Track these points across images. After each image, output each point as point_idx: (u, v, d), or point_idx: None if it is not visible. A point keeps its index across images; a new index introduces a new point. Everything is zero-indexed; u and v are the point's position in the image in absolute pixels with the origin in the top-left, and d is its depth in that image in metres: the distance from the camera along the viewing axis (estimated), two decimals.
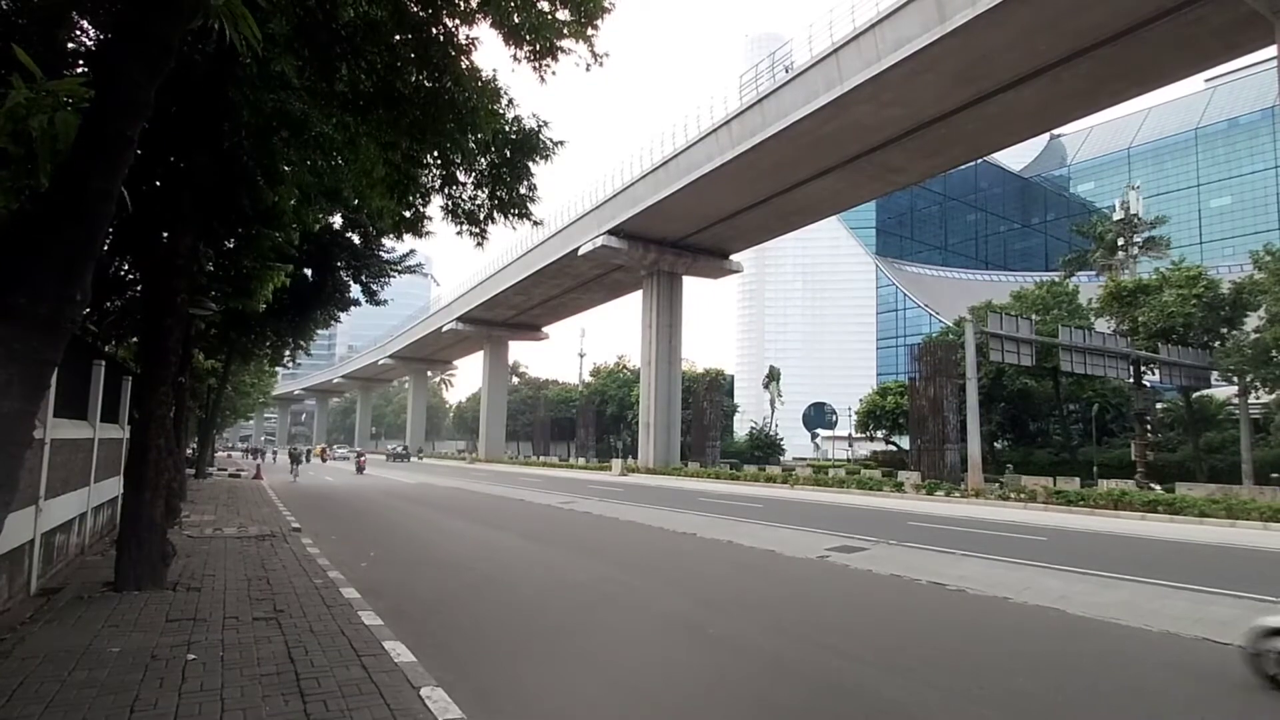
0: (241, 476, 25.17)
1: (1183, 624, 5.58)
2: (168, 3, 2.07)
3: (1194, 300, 26.07)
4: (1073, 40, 18.27)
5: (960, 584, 7.17)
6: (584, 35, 5.65)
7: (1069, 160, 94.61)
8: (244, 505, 14.42)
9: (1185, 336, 27.18)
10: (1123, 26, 17.54)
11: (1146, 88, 22.53)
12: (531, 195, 6.80)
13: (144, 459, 5.60)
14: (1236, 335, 26.14)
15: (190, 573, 6.65)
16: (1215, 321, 26.47)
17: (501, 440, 60.28)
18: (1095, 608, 6.12)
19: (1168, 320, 26.35)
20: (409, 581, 7.14)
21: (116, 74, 1.99)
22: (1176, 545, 10.85)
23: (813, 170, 27.10)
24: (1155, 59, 19.04)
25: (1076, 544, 10.84)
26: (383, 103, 5.77)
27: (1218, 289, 26.71)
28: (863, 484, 23.50)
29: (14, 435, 2.01)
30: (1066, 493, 17.63)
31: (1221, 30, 17.24)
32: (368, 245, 16.58)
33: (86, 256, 2.00)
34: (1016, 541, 10.78)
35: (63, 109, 2.00)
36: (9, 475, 2.08)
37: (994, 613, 6.10)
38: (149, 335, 5.89)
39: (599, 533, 11.82)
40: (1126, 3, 16.63)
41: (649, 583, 7.37)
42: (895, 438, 40.36)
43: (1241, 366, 24.00)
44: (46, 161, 2.03)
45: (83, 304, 2.10)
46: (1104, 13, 17.03)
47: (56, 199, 1.94)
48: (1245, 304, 25.87)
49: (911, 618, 5.98)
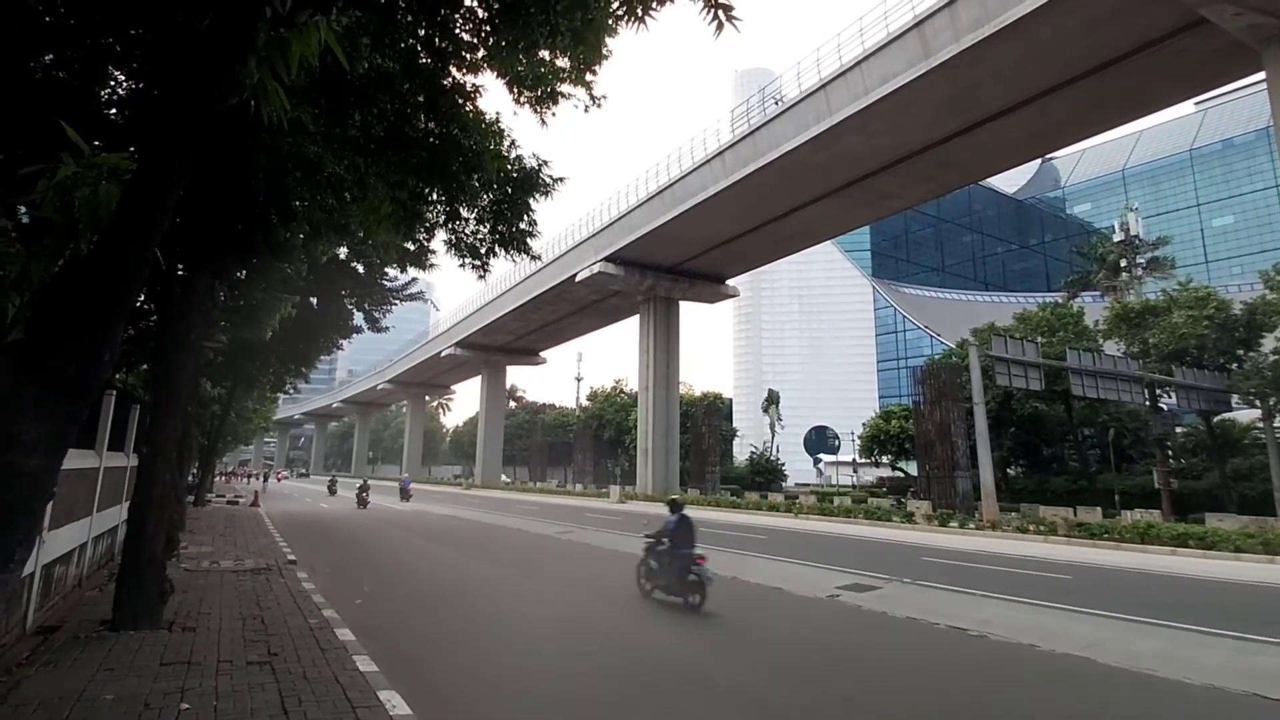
0: (239, 504, 25.03)
1: (1227, 676, 5.24)
2: (206, 85, 2.23)
3: (1205, 321, 25.21)
4: (1058, 71, 18.68)
5: (982, 629, 6.75)
6: (583, 80, 5.88)
7: (1063, 182, 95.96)
8: (241, 535, 14.33)
9: (1200, 358, 26.25)
10: (1107, 58, 17.90)
11: (1136, 114, 22.81)
12: (531, 230, 7.00)
13: (149, 494, 5.65)
14: (1255, 357, 25.16)
15: (186, 610, 6.62)
16: (1230, 343, 25.58)
17: (498, 465, 59.90)
18: (1129, 657, 5.75)
19: (1180, 342, 25.44)
20: (404, 621, 7.05)
21: (157, 149, 2.13)
22: (1211, 584, 10.26)
23: (805, 197, 27.54)
24: (1143, 87, 19.34)
25: (1103, 583, 10.30)
26: (392, 146, 5.99)
27: (1229, 309, 25.83)
28: (871, 513, 22.61)
29: (38, 493, 2.09)
30: (1089, 525, 16.77)
31: (1207, 59, 17.51)
32: (372, 274, 16.88)
33: (117, 318, 2.11)
34: (1039, 580, 10.23)
35: (105, 181, 2.14)
36: (28, 533, 2.15)
37: (1020, 662, 5.76)
38: (161, 369, 6.01)
39: (597, 566, 11.62)
40: (1108, 36, 16.99)
41: (650, 624, 7.20)
42: (902, 463, 39.56)
43: (1263, 389, 23.01)
44: (88, 230, 2.16)
45: (110, 364, 2.21)
46: (1086, 45, 17.44)
47: (93, 264, 2.06)
48: (1260, 324, 24.89)
49: (933, 669, 5.63)
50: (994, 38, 17.35)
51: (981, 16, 17.50)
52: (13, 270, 2.27)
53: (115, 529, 9.48)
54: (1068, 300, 39.03)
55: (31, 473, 2.06)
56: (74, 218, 2.15)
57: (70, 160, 2.16)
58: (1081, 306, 35.65)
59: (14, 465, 1.98)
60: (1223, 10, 14.44)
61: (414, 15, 4.85)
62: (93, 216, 2.12)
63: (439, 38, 5.14)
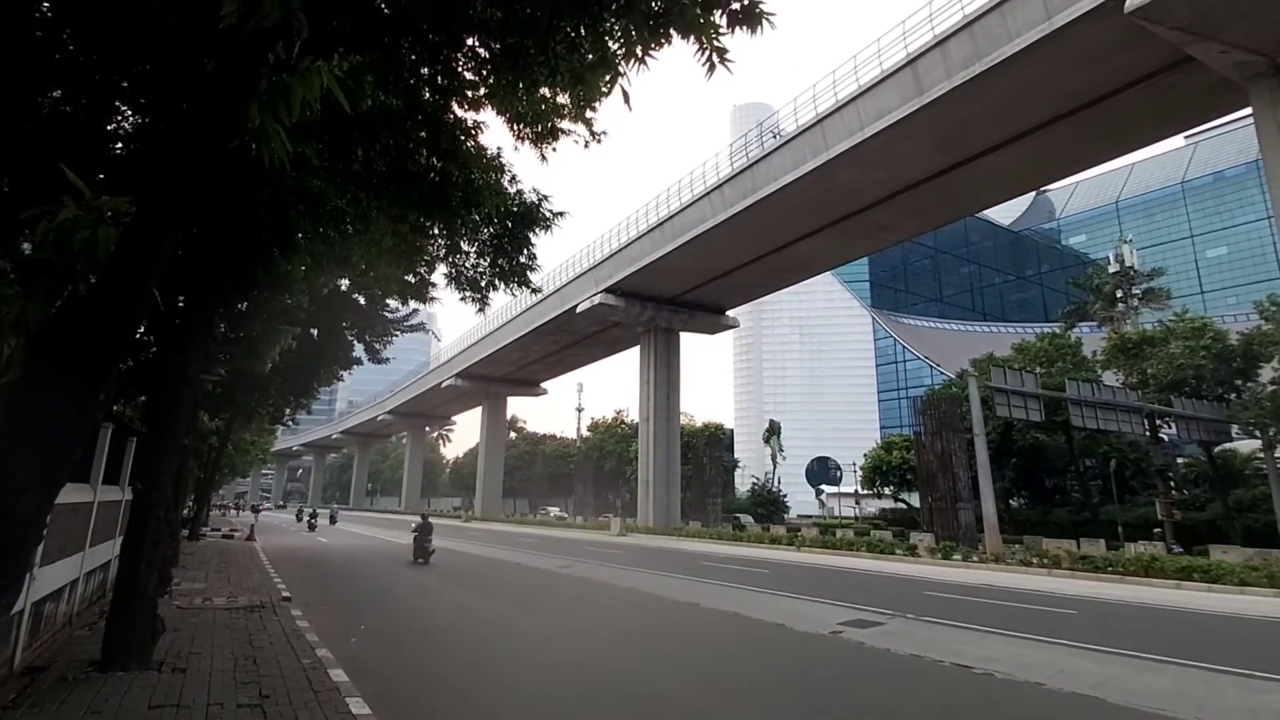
0: (235, 537, 24.62)
1: (1237, 717, 5.18)
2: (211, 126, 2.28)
3: (1202, 352, 25.38)
4: (1049, 107, 19.12)
5: (987, 666, 6.64)
6: (582, 117, 6.02)
7: (1058, 214, 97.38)
8: (235, 570, 14.04)
9: (1198, 389, 26.32)
10: (1096, 94, 18.32)
11: (1128, 149, 23.30)
12: (531, 264, 7.08)
13: (143, 531, 5.56)
14: (1253, 387, 25.25)
15: (177, 650, 6.44)
16: (1228, 373, 25.66)
17: (498, 497, 59.17)
18: (1138, 696, 5.64)
19: (1178, 372, 25.58)
20: (399, 660, 6.86)
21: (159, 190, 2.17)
22: (1217, 619, 10.16)
23: (803, 230, 27.93)
24: (1133, 123, 19.71)
25: (1108, 618, 10.19)
26: (394, 180, 6.11)
27: (1226, 340, 26.01)
28: (873, 546, 22.40)
29: (28, 534, 2.05)
30: (1093, 558, 16.72)
31: (1195, 95, 17.85)
32: (373, 306, 16.99)
33: (114, 358, 2.11)
34: (1043, 615, 10.09)
35: (105, 224, 2.18)
36: (17, 574, 2.11)
37: (1027, 702, 5.61)
38: (159, 402, 5.98)
39: (597, 602, 11.38)
40: (1097, 73, 17.42)
41: (651, 662, 7.04)
42: (904, 494, 39.18)
43: (1262, 420, 23.07)
44: (87, 271, 2.18)
45: (106, 403, 2.20)
46: (1075, 82, 17.90)
47: (90, 305, 2.08)
48: (1256, 355, 25.07)
49: (939, 709, 5.49)
50: (984, 75, 17.83)
51: (972, 55, 18.04)
52: (10, 312, 2.28)
53: (108, 564, 9.30)
54: (1065, 331, 39.25)
55: (22, 514, 2.03)
56: (73, 260, 2.17)
57: (71, 204, 2.20)
58: (1079, 337, 35.88)
59: (5, 506, 1.95)
60: (1209, 48, 14.77)
61: (417, 55, 5.00)
62: (91, 259, 2.14)
63: (441, 76, 5.29)
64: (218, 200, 4.11)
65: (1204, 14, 13.83)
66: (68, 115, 3.43)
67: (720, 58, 4.03)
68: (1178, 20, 14.07)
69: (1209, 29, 14.22)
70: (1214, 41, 14.50)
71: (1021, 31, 16.80)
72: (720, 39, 4.00)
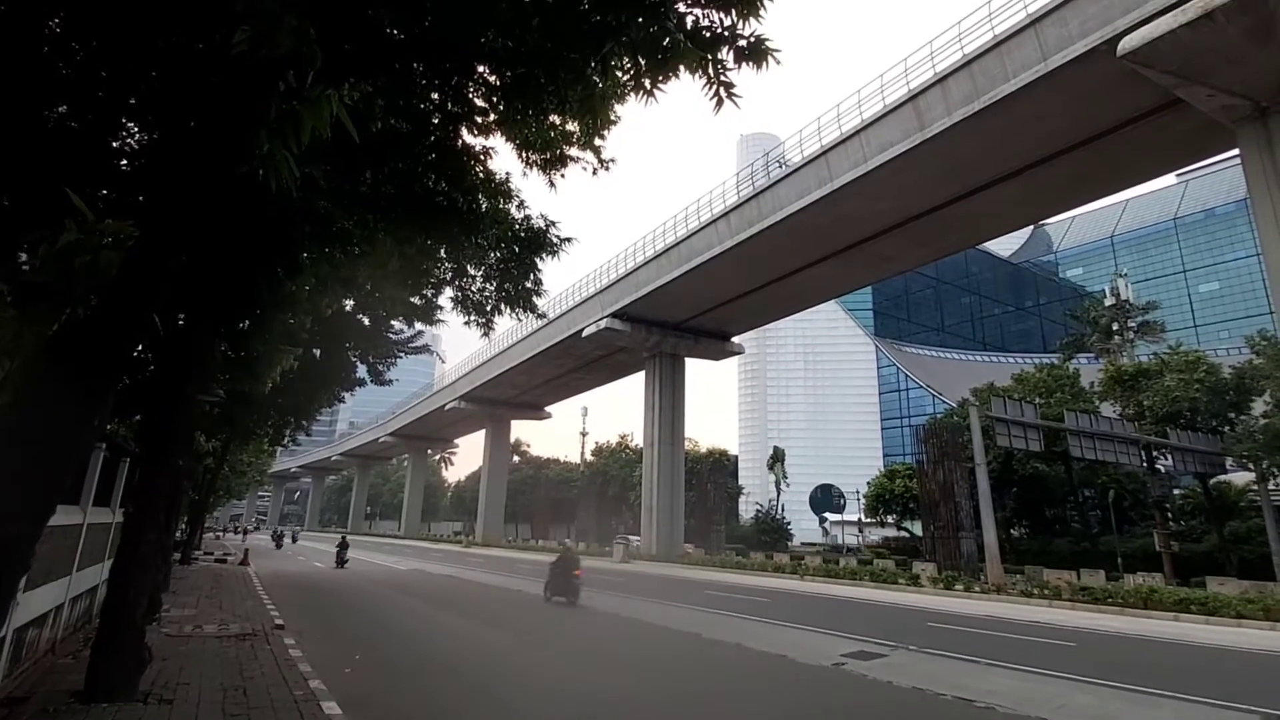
0: (228, 562, 24.23)
1: None
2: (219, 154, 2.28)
3: (1196, 385, 25.95)
4: (1045, 145, 19.53)
5: (989, 700, 6.60)
6: (591, 145, 6.09)
7: (1055, 247, 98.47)
8: (228, 596, 13.76)
9: (1193, 421, 26.81)
10: (1091, 133, 18.77)
11: (1122, 186, 23.81)
12: (537, 289, 7.06)
13: (133, 555, 5.42)
14: (1245, 420, 25.80)
15: (164, 680, 6.23)
16: (1222, 406, 26.18)
17: (500, 522, 58.36)
18: None
19: (1173, 405, 26.11)
20: (394, 692, 6.64)
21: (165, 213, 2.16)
22: (1215, 652, 10.21)
23: (808, 258, 28.15)
24: (1126, 161, 20.17)
25: (1108, 650, 10.23)
26: (402, 203, 6.15)
27: (1219, 373, 26.61)
28: (876, 576, 22.37)
29: (15, 561, 1.98)
30: (1093, 589, 16.87)
31: (1185, 136, 18.29)
32: (377, 327, 16.95)
33: (110, 384, 2.06)
34: (1044, 647, 10.12)
35: (107, 248, 2.15)
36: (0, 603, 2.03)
37: None
38: (155, 423, 5.91)
39: (599, 632, 11.13)
40: (1090, 112, 17.87)
41: (650, 695, 6.88)
42: (907, 523, 38.99)
43: (1255, 453, 23.44)
44: (86, 295, 2.15)
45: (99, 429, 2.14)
46: (1070, 121, 18.33)
47: (88, 330, 2.03)
48: (1249, 389, 25.68)
49: None
50: (983, 112, 18.22)
51: (971, 92, 18.45)
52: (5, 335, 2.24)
53: (95, 589, 9.10)
54: (1063, 362, 39.45)
55: (10, 540, 1.95)
56: (72, 283, 2.13)
57: (73, 227, 2.18)
58: (1077, 368, 36.30)
59: None
60: (1197, 92, 15.15)
61: (427, 80, 5.06)
62: (92, 283, 2.11)
63: (451, 102, 5.35)
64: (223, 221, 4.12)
65: (1191, 59, 14.23)
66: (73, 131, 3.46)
67: (728, 92, 4.08)
68: (1167, 65, 14.48)
69: (1197, 73, 14.61)
70: (1202, 85, 14.89)
71: (1019, 72, 17.26)
72: (727, 74, 4.06)
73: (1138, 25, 14.59)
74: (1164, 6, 14.24)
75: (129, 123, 3.91)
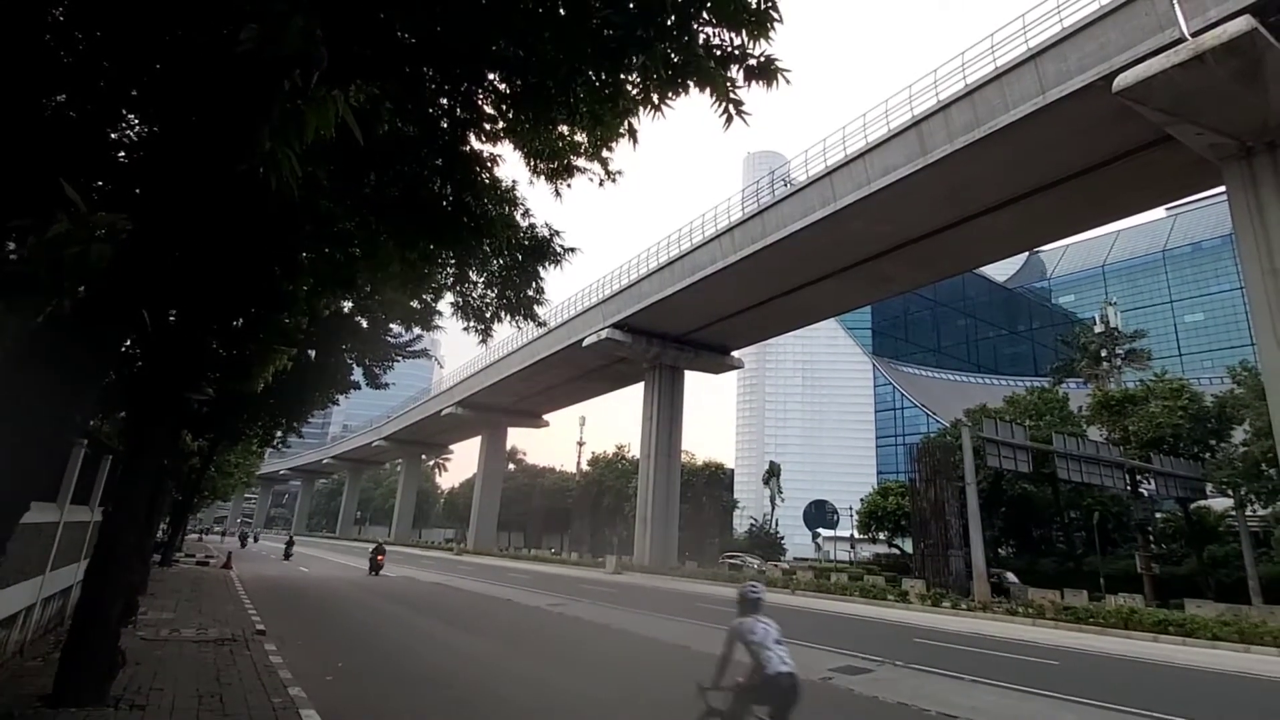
0: (210, 565, 23.84)
1: None
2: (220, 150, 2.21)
3: (1180, 412, 26.75)
4: (1041, 174, 19.89)
5: (972, 715, 6.72)
6: (599, 157, 6.06)
7: (1049, 274, 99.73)
8: (208, 600, 13.49)
9: (1176, 447, 27.51)
10: (1086, 165, 19.17)
11: (1114, 217, 24.45)
12: (539, 298, 6.99)
13: (111, 555, 5.27)
14: (1226, 448, 26.52)
15: (137, 685, 6.04)
16: (1203, 433, 26.96)
17: (493, 530, 57.79)
18: None
19: (1157, 430, 26.83)
20: (377, 700, 6.49)
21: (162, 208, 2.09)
22: (1191, 673, 10.52)
23: (810, 276, 28.30)
24: (1119, 193, 20.66)
25: (1089, 670, 10.43)
26: (406, 207, 6.08)
27: (1201, 401, 27.42)
28: (866, 591, 22.69)
29: None
30: (1075, 609, 17.32)
31: (1175, 171, 18.73)
32: (375, 329, 16.79)
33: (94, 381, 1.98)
34: (1028, 665, 10.28)
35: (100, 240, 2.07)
36: None
37: None
38: (139, 422, 5.77)
39: (587, 644, 10.98)
40: (1085, 145, 18.29)
41: (635, 708, 6.81)
42: (898, 540, 39.12)
43: (1234, 479, 24.10)
44: (75, 288, 2.07)
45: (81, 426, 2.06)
46: (1067, 153, 18.74)
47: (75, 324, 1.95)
48: (1230, 417, 26.50)
49: None
50: (983, 141, 18.54)
51: (973, 121, 18.74)
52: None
53: (69, 590, 8.87)
54: (1054, 386, 40.05)
55: None
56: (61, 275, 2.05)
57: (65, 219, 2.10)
58: (1066, 393, 37.00)
59: None
60: (1186, 129, 15.61)
61: (437, 85, 5.02)
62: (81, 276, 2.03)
63: (460, 108, 5.32)
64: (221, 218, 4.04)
65: (1182, 98, 14.70)
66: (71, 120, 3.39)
67: (737, 110, 4.06)
68: (1159, 102, 14.97)
69: (1187, 112, 15.06)
70: (1191, 124, 15.36)
71: (1018, 103, 17.61)
72: (736, 92, 4.04)
73: (1133, 64, 15.02)
74: (1158, 47, 14.71)
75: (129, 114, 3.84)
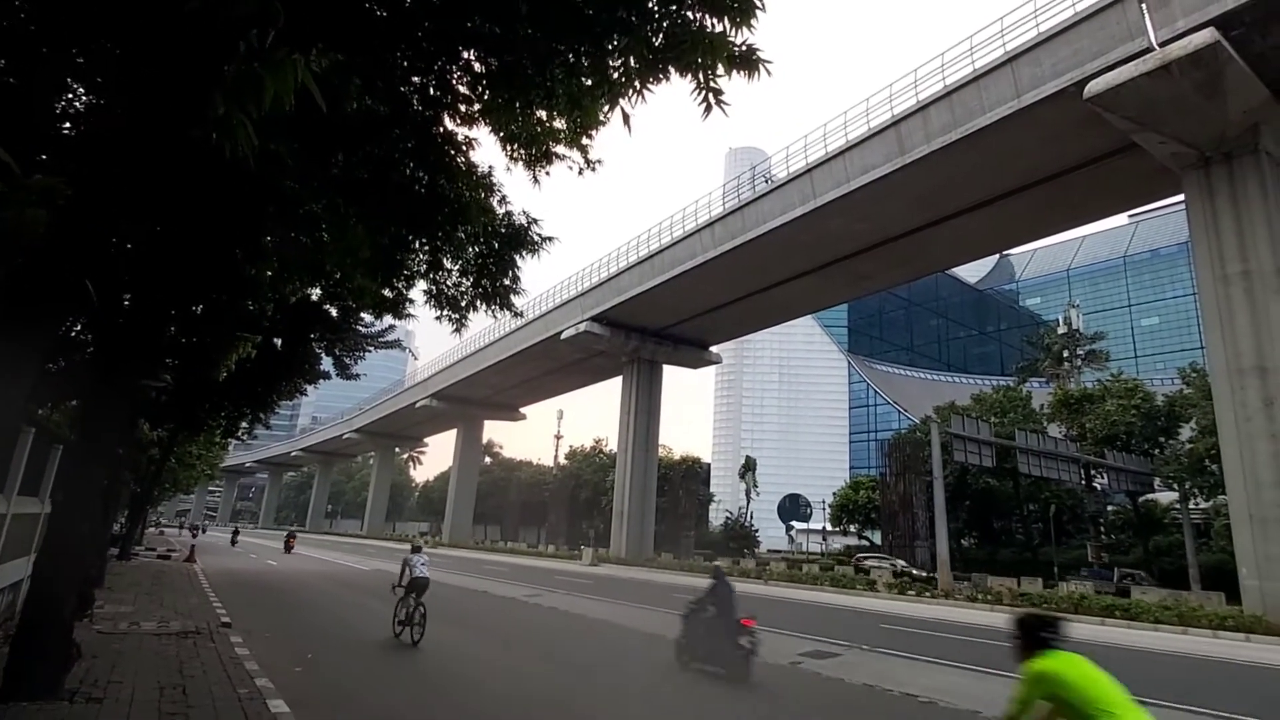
0: (172, 558, 23.10)
1: None
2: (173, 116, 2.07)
3: (1133, 410, 28.21)
4: (1013, 179, 20.46)
5: (932, 695, 6.98)
6: (578, 143, 5.92)
7: (1018, 276, 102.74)
8: (170, 593, 13.06)
9: (1128, 444, 28.93)
10: (1055, 170, 19.78)
11: (1080, 221, 25.32)
12: (515, 287, 6.86)
13: (62, 547, 5.02)
14: (1173, 445, 28.02)
15: (94, 678, 5.81)
16: (1154, 431, 28.48)
17: (469, 523, 57.21)
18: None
19: (1111, 428, 28.30)
20: (346, 691, 6.37)
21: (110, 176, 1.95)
22: (1134, 653, 11.08)
23: (789, 272, 28.53)
24: (1084, 199, 21.43)
25: None
26: (376, 190, 5.87)
27: (1153, 401, 28.90)
28: (836, 581, 23.38)
29: None
30: (1030, 595, 18.17)
31: (1138, 178, 19.52)
32: (345, 318, 16.33)
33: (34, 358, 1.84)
34: (986, 648, 10.64)
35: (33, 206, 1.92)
36: None
37: None
38: (91, 410, 5.48)
39: (564, 634, 10.96)
40: (1056, 150, 18.87)
41: (610, 694, 6.93)
42: (868, 532, 40.16)
43: (1180, 474, 25.48)
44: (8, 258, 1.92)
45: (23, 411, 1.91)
46: (1038, 157, 19.31)
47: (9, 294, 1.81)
48: (1178, 416, 27.98)
49: None
50: (959, 142, 18.93)
51: (950, 123, 19.11)
52: None
53: (19, 584, 8.48)
54: (1018, 385, 41.37)
55: None
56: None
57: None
58: (1030, 391, 38.50)
59: None
60: (1150, 137, 16.27)
61: (409, 62, 4.84)
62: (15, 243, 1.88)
63: (434, 87, 5.15)
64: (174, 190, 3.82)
65: (1148, 107, 15.34)
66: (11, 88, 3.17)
67: (716, 99, 4.01)
68: (1127, 110, 15.64)
69: (1152, 120, 15.72)
70: (1155, 132, 16.05)
71: (994, 106, 18.05)
72: (717, 80, 3.99)
73: (1104, 70, 15.53)
74: (1128, 55, 15.25)
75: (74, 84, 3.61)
